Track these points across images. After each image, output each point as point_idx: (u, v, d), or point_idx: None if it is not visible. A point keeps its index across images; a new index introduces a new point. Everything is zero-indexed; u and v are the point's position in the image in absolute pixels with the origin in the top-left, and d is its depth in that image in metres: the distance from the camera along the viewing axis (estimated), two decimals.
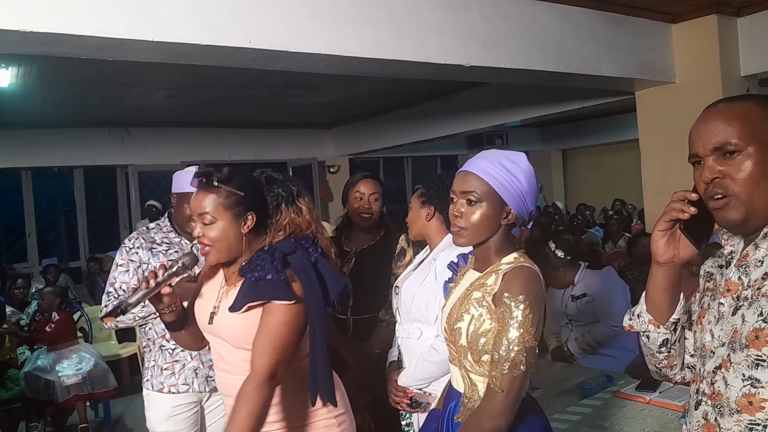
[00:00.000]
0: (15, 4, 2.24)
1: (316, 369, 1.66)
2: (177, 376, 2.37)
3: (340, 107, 7.24)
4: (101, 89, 5.48)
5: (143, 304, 2.29)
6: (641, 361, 3.74)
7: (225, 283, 1.74)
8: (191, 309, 1.80)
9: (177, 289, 1.75)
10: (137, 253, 2.41)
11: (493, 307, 1.45)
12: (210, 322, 1.71)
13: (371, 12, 3.08)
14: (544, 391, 2.63)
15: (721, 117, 1.10)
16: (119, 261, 2.41)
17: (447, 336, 1.57)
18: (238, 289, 1.64)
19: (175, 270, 1.63)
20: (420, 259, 2.28)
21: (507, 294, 1.42)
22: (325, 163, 9.07)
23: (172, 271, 1.62)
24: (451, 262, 2.01)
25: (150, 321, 2.37)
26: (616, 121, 8.81)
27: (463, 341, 1.49)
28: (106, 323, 1.85)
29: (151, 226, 2.55)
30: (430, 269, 2.12)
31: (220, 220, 1.62)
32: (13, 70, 4.50)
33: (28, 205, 7.59)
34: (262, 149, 8.27)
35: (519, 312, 1.40)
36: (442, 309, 1.66)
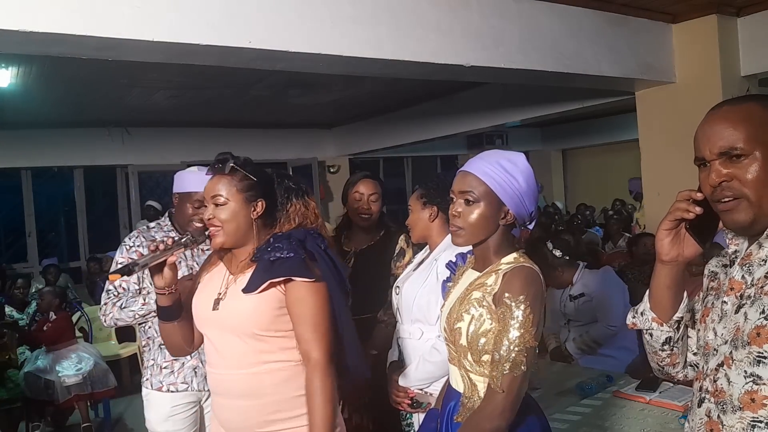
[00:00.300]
0: (15, 4, 2.24)
1: (346, 348, 1.74)
2: (176, 375, 2.38)
3: (340, 107, 7.23)
4: (101, 89, 5.48)
5: (143, 302, 2.32)
6: (641, 361, 3.75)
7: (229, 273, 1.74)
8: (188, 302, 1.79)
9: (178, 285, 1.76)
10: (138, 251, 2.41)
11: (493, 307, 1.45)
12: (215, 308, 1.69)
13: (371, 12, 3.08)
14: (544, 391, 2.63)
15: (726, 120, 1.10)
16: (119, 259, 2.42)
17: (447, 336, 1.57)
18: (249, 273, 1.66)
19: (184, 241, 1.66)
20: (420, 259, 2.28)
21: (507, 294, 1.43)
22: (325, 163, 9.08)
23: (181, 241, 1.65)
24: (450, 261, 2.00)
25: (150, 319, 2.37)
26: (616, 121, 8.81)
27: (463, 341, 1.49)
28: (111, 280, 1.85)
29: (152, 225, 2.56)
30: (432, 269, 2.11)
31: (232, 202, 1.68)
32: (13, 70, 4.50)
33: (28, 205, 7.59)
34: (262, 149, 8.25)
35: (519, 312, 1.40)
36: (441, 308, 1.66)
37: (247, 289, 1.63)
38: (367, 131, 8.44)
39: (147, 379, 2.42)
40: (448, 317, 1.56)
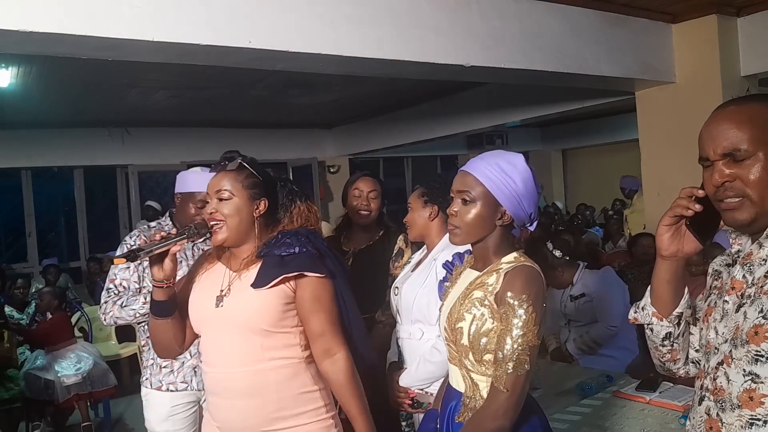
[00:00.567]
0: (15, 4, 2.24)
1: (352, 338, 1.77)
2: (176, 374, 2.38)
3: (340, 107, 7.23)
4: (101, 89, 5.48)
5: (144, 301, 2.31)
6: (641, 362, 3.75)
7: (229, 271, 1.73)
8: (183, 302, 1.76)
9: (178, 285, 1.75)
10: (142, 238, 2.40)
11: (495, 306, 1.46)
12: (218, 305, 1.68)
13: (371, 12, 3.08)
14: (544, 391, 2.63)
15: (730, 121, 1.11)
16: None
17: (447, 335, 1.56)
18: (254, 270, 1.67)
19: (187, 234, 1.66)
20: (418, 259, 2.27)
21: (510, 293, 1.43)
22: (325, 163, 9.07)
23: (184, 234, 1.65)
24: (446, 261, 2.00)
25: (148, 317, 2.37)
26: (616, 121, 8.81)
27: (465, 341, 1.49)
28: (115, 263, 1.85)
29: (152, 224, 2.56)
30: (431, 269, 2.11)
31: (236, 197, 1.68)
32: (13, 70, 4.50)
33: (28, 205, 7.59)
34: (262, 149, 8.21)
35: (522, 311, 1.41)
36: (440, 308, 1.66)
37: (257, 284, 1.63)
38: (367, 131, 8.44)
39: (146, 379, 2.42)
40: (448, 317, 1.56)
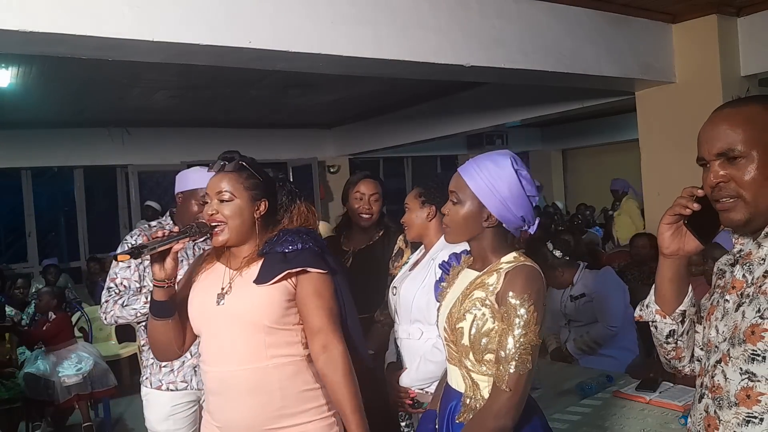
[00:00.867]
0: (15, 4, 2.24)
1: (350, 336, 1.77)
2: (176, 374, 2.37)
3: (340, 107, 7.23)
4: (101, 89, 5.48)
5: (146, 301, 2.31)
6: (641, 361, 3.75)
7: (229, 269, 1.73)
8: (183, 303, 1.75)
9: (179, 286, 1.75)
10: (144, 236, 2.40)
11: (496, 306, 1.46)
12: (219, 303, 1.68)
13: (371, 12, 3.08)
14: (544, 391, 2.63)
15: (726, 122, 1.12)
16: None
17: (447, 336, 1.56)
18: (255, 267, 1.67)
19: (189, 232, 1.66)
20: (415, 259, 2.27)
21: (511, 293, 1.43)
22: (325, 163, 9.07)
23: (186, 233, 1.65)
24: (443, 261, 1.99)
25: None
26: (616, 121, 8.81)
27: (465, 341, 1.49)
28: (118, 260, 1.85)
29: (153, 224, 2.56)
30: (430, 269, 2.11)
31: (237, 199, 1.69)
32: (13, 70, 4.50)
33: (28, 205, 7.59)
34: (262, 149, 8.23)
35: (524, 310, 1.41)
36: (438, 309, 1.66)
37: (259, 280, 1.64)
38: (367, 131, 8.44)
39: (146, 378, 2.42)
40: (448, 317, 1.56)
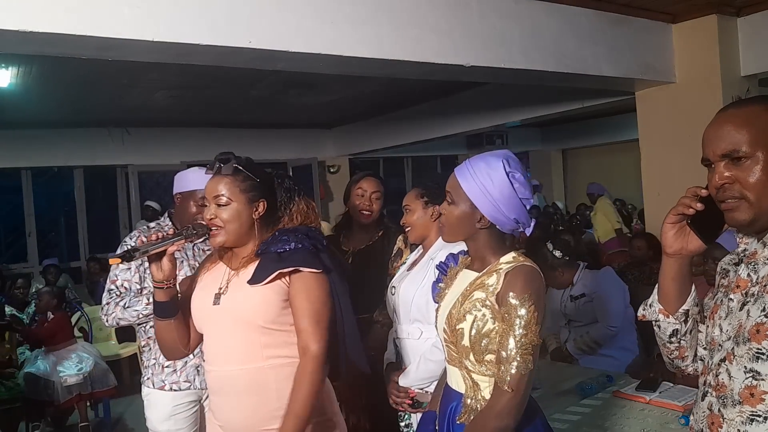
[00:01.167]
0: (15, 4, 2.24)
1: (345, 338, 1.74)
2: (179, 374, 2.37)
3: (340, 107, 7.23)
4: (101, 89, 5.48)
5: (147, 302, 2.31)
6: (641, 361, 3.74)
7: (229, 270, 1.74)
8: (187, 302, 1.77)
9: (182, 286, 1.75)
10: (141, 239, 2.40)
11: (496, 306, 1.46)
12: (216, 303, 1.69)
13: (371, 12, 3.08)
14: (544, 391, 2.63)
15: (730, 123, 1.12)
16: None
17: (446, 337, 1.56)
18: (252, 268, 1.67)
19: (186, 232, 1.66)
20: (413, 259, 2.27)
21: (512, 293, 1.43)
22: (325, 163, 9.07)
23: (183, 232, 1.65)
24: (440, 262, 1.99)
25: (152, 319, 2.36)
26: (616, 121, 8.81)
27: (466, 342, 1.49)
28: (111, 263, 1.86)
29: (152, 225, 2.56)
30: (429, 269, 2.11)
31: (234, 202, 1.68)
32: (13, 70, 4.50)
33: (28, 205, 7.59)
34: (262, 149, 8.24)
35: (524, 310, 1.41)
36: (437, 310, 1.66)
37: (253, 281, 1.63)
38: (367, 131, 8.44)
39: (148, 379, 2.42)
40: (448, 318, 1.55)
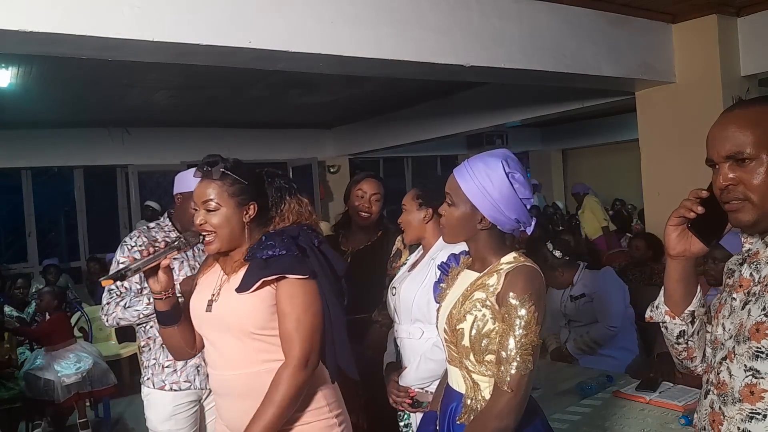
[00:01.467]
0: (15, 4, 2.24)
1: (333, 343, 1.70)
2: (179, 374, 2.37)
3: (340, 107, 7.23)
4: (101, 89, 5.48)
5: (148, 302, 2.31)
6: (641, 361, 3.74)
7: (223, 273, 1.74)
8: (187, 305, 1.79)
9: (184, 286, 1.74)
10: (139, 251, 2.40)
11: (496, 307, 1.46)
12: (208, 310, 1.69)
13: (371, 12, 3.08)
14: (544, 391, 2.63)
15: (735, 124, 1.12)
16: (120, 259, 2.41)
17: (447, 337, 1.56)
18: (242, 273, 1.66)
19: (177, 244, 1.64)
20: (414, 260, 2.27)
21: (512, 294, 1.43)
22: (325, 163, 9.07)
23: (173, 244, 1.63)
24: (442, 262, 2.00)
25: (152, 319, 2.37)
26: (616, 121, 8.81)
27: (466, 342, 1.49)
28: (103, 285, 1.86)
29: (152, 225, 2.56)
30: (430, 269, 2.11)
31: (223, 207, 1.65)
32: (13, 70, 4.50)
33: (28, 205, 7.59)
34: (262, 149, 8.26)
35: (524, 311, 1.41)
36: (438, 310, 1.66)
37: (240, 289, 1.62)
38: (367, 131, 8.44)
39: (148, 379, 2.42)
40: (448, 318, 1.55)
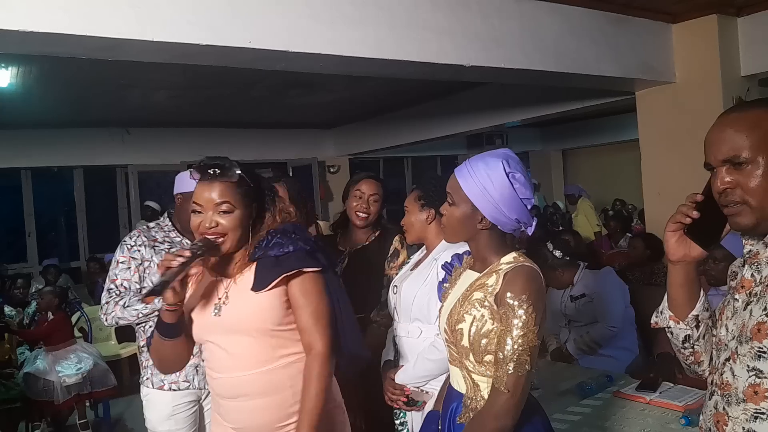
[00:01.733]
0: (15, 4, 2.24)
1: (345, 332, 1.75)
2: (178, 374, 2.36)
3: (340, 107, 7.23)
4: (101, 89, 5.47)
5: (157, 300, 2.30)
6: (641, 362, 3.74)
7: (223, 277, 1.72)
8: (187, 315, 1.74)
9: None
10: (139, 250, 2.41)
11: (495, 307, 1.46)
12: (217, 315, 1.67)
13: (371, 12, 3.08)
14: (544, 391, 2.63)
15: (732, 127, 1.12)
16: (120, 258, 2.41)
17: (447, 337, 1.56)
18: (248, 273, 1.66)
19: (200, 253, 1.62)
20: (417, 259, 2.28)
21: (510, 294, 1.43)
22: (325, 163, 9.07)
23: (197, 253, 1.60)
24: (446, 262, 2.00)
25: (152, 319, 2.36)
26: (616, 121, 8.80)
27: (465, 342, 1.49)
28: (147, 303, 1.84)
29: (152, 225, 2.56)
30: (432, 269, 2.12)
31: (237, 209, 1.66)
32: (13, 70, 4.50)
33: (28, 205, 7.59)
34: (262, 149, 8.26)
35: (522, 311, 1.41)
36: (440, 310, 1.66)
37: (257, 287, 1.63)
38: (367, 131, 8.44)
39: (147, 378, 2.42)
40: (448, 318, 1.56)
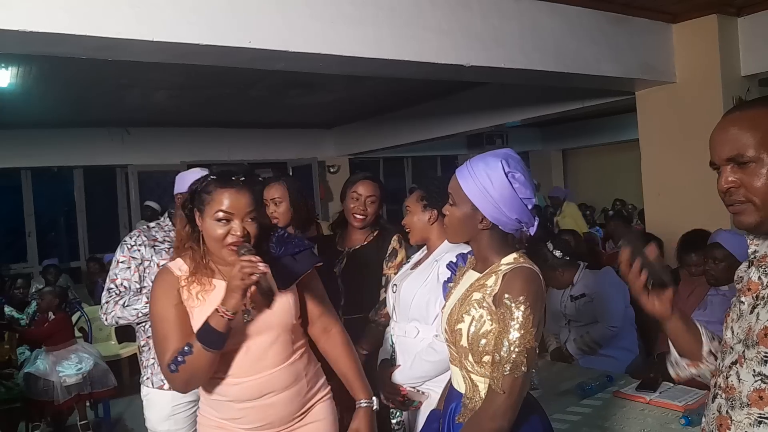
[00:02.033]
0: (15, 4, 2.24)
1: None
2: None
3: (340, 107, 7.23)
4: (101, 89, 5.47)
5: (146, 301, 2.30)
6: (641, 362, 3.73)
7: None
8: (189, 329, 1.66)
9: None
10: (139, 250, 2.41)
11: (493, 308, 1.46)
12: (248, 318, 1.65)
13: (371, 12, 3.08)
14: (544, 391, 2.63)
15: (735, 126, 1.12)
16: (120, 258, 2.41)
17: (447, 337, 1.57)
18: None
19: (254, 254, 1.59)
20: (417, 259, 2.28)
21: (507, 295, 1.43)
22: (325, 163, 9.07)
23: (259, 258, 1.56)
24: (450, 262, 2.01)
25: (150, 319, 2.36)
26: (616, 121, 8.80)
27: (464, 342, 1.49)
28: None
29: (152, 225, 2.56)
30: (432, 270, 2.12)
31: (258, 215, 1.73)
32: (13, 70, 4.50)
33: (28, 205, 7.59)
34: (262, 149, 8.27)
35: (519, 313, 1.40)
36: (442, 309, 1.66)
37: (283, 286, 1.67)
38: (367, 131, 8.44)
39: (147, 378, 2.42)
40: (448, 318, 1.56)
